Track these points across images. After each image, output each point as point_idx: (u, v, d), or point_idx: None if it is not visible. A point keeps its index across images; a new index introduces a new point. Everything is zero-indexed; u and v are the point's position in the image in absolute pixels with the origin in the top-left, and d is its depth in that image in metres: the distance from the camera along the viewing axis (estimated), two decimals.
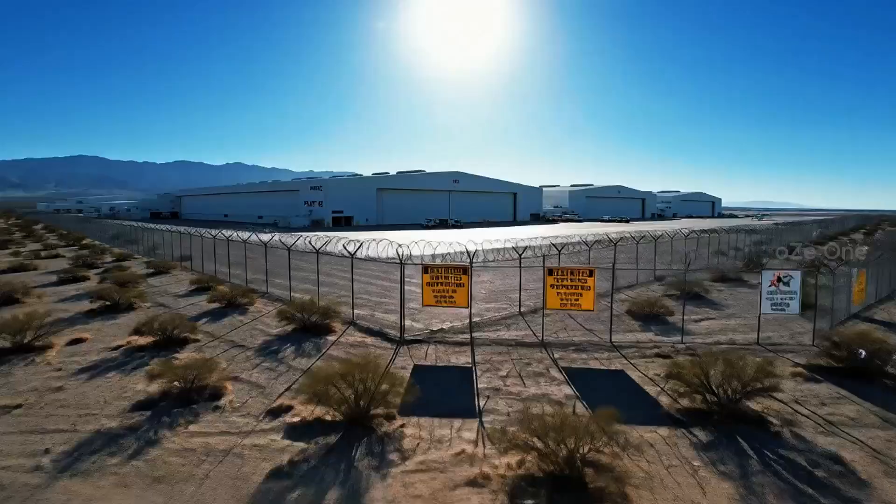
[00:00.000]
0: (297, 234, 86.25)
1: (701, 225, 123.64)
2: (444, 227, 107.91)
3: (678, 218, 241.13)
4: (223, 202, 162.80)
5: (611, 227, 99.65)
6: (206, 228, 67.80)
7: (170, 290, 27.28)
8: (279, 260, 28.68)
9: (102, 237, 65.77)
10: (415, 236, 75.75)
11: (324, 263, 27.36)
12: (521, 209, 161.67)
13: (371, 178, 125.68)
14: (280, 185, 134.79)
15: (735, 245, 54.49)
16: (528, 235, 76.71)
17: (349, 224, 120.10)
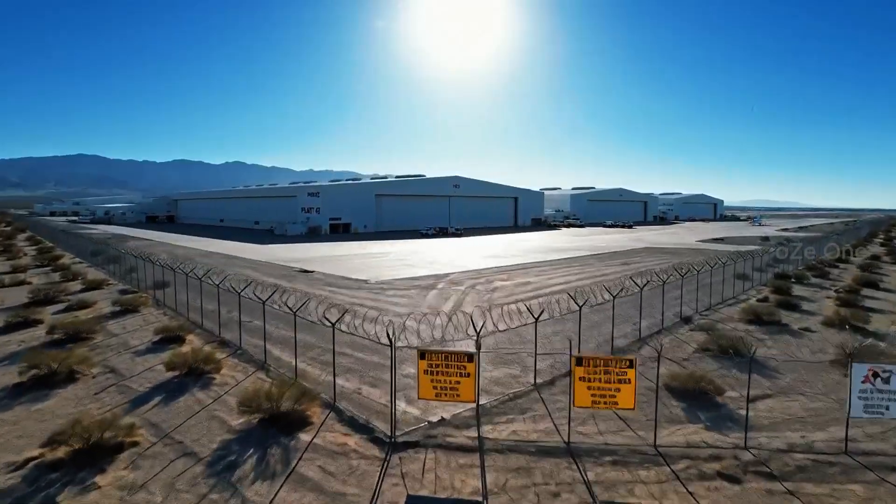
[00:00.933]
0: (292, 244, 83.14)
1: (705, 229, 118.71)
2: (444, 235, 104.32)
3: (680, 220, 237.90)
4: (220, 206, 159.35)
5: (614, 235, 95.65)
6: (199, 236, 62.75)
7: (130, 342, 23.74)
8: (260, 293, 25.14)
9: (84, 252, 62.13)
10: (414, 248, 73.18)
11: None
12: (522, 213, 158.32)
13: (369, 184, 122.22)
14: (277, 191, 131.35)
15: (758, 266, 50.93)
16: (531, 246, 72.90)
17: (347, 231, 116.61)
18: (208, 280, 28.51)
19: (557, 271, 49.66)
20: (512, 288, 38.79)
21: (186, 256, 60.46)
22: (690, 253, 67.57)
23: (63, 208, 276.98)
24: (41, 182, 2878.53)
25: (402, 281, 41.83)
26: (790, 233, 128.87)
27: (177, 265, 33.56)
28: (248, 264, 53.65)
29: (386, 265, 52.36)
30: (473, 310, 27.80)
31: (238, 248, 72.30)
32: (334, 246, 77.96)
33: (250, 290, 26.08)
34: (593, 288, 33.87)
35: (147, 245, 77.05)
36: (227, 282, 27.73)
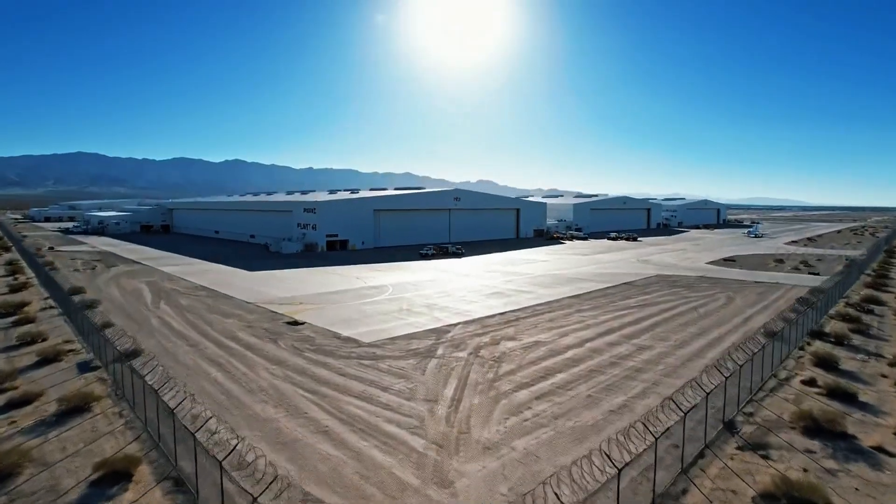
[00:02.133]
0: (286, 270, 78.55)
1: (711, 243, 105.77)
2: (444, 254, 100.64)
3: (683, 227, 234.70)
4: (215, 217, 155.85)
5: (620, 255, 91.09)
6: (191, 256, 56.50)
7: (61, 485, 20.00)
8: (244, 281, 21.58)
9: (58, 294, 58.37)
10: (412, 278, 67.20)
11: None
12: (524, 225, 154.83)
13: (367, 199, 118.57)
14: (273, 205, 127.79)
15: (780, 304, 47.12)
16: (536, 273, 68.14)
17: (344, 248, 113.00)
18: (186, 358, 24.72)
19: (569, 318, 46.03)
20: (521, 354, 35.13)
21: (172, 292, 56.82)
22: (705, 285, 63.91)
23: (58, 213, 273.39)
24: (40, 180, 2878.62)
25: (398, 342, 38.18)
26: (799, 247, 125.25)
27: (148, 359, 29.78)
28: (235, 310, 49.99)
29: (381, 311, 48.69)
30: (477, 419, 24.29)
31: (228, 279, 68.63)
32: (329, 273, 74.30)
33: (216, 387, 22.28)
34: (617, 380, 30.14)
35: (134, 273, 73.40)
36: (192, 404, 23.86)
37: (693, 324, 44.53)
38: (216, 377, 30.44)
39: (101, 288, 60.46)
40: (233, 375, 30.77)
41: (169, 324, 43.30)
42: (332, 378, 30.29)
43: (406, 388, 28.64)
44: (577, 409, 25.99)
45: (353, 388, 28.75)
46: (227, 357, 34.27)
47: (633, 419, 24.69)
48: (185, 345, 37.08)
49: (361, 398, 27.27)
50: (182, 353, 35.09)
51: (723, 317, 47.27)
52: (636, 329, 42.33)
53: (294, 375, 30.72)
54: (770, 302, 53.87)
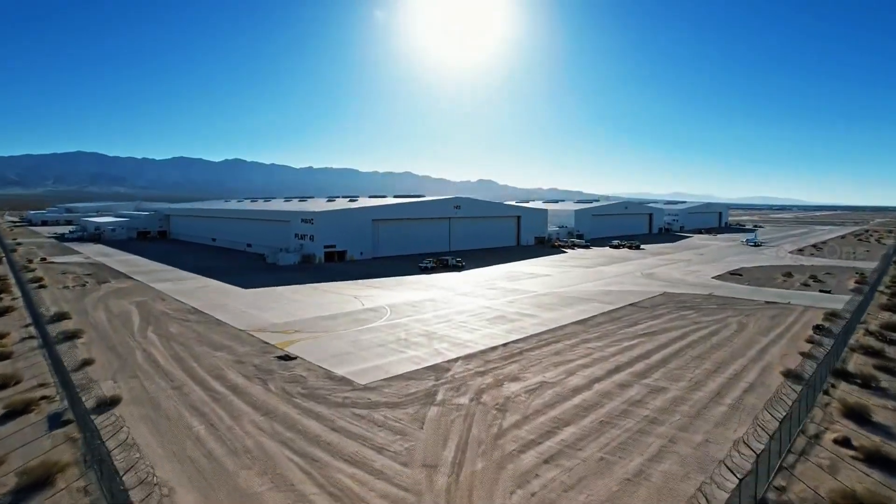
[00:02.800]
0: (281, 288, 75.55)
1: (716, 252, 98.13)
2: (444, 267, 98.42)
3: (686, 231, 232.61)
4: (212, 225, 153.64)
5: (623, 267, 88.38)
6: (187, 270, 53.77)
7: None
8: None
9: (40, 318, 56.32)
10: (410, 297, 62.09)
11: None
12: (525, 232, 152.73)
13: (366, 209, 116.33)
14: (270, 215, 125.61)
15: (796, 328, 44.83)
16: (538, 291, 65.62)
17: (342, 259, 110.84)
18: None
19: (575, 350, 43.83)
20: (526, 400, 32.90)
21: (162, 316, 54.54)
22: (713, 306, 61.66)
23: (55, 217, 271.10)
24: (40, 179, 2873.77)
25: (395, 383, 35.95)
26: (804, 256, 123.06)
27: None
28: (225, 339, 47.78)
29: (378, 342, 46.44)
30: (481, 492, 22.06)
31: (221, 300, 66.41)
32: (325, 291, 72.07)
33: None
34: (630, 436, 27.76)
35: (125, 292, 71.19)
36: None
37: (706, 357, 42.33)
38: (198, 432, 28.23)
39: (88, 311, 58.22)
40: (217, 430, 28.56)
41: (154, 359, 41.08)
42: (323, 434, 28.07)
43: (403, 450, 26.42)
44: (588, 478, 23.79)
45: (345, 448, 26.52)
46: (211, 405, 32.06)
47: (650, 493, 22.52)
48: (169, 387, 34.87)
49: (354, 463, 25.06)
50: (164, 398, 32.88)
51: (736, 348, 45.05)
52: (647, 365, 40.13)
53: (282, 431, 28.50)
54: (784, 328, 51.62)
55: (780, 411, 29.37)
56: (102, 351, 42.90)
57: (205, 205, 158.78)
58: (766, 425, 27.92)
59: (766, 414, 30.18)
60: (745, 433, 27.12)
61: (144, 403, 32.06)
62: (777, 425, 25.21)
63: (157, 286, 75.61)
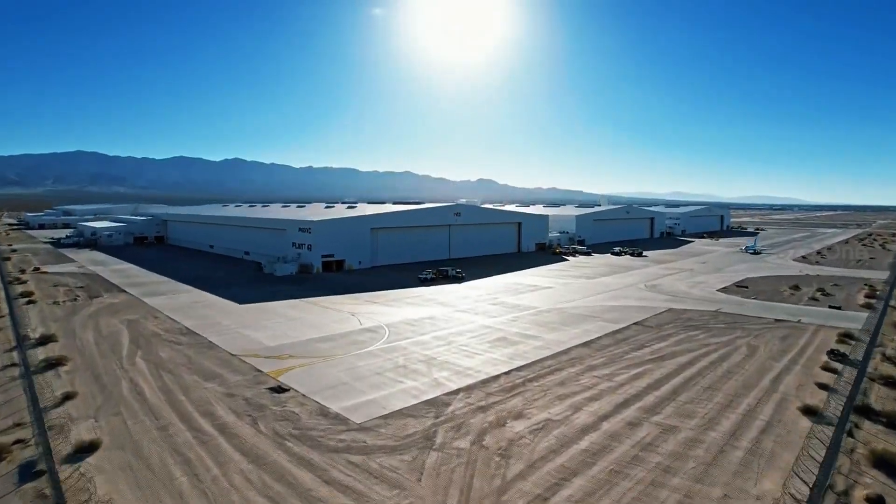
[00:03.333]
0: (276, 303, 73.51)
1: (719, 260, 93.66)
2: (444, 278, 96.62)
3: (687, 235, 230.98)
4: (210, 231, 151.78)
5: (625, 278, 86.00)
6: (184, 282, 52.34)
7: None
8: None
9: (25, 342, 54.51)
10: (408, 315, 61.70)
11: None
12: (526, 239, 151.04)
13: (364, 218, 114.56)
14: (268, 223, 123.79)
15: (811, 355, 42.84)
16: (540, 307, 63.63)
17: (340, 269, 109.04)
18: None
19: (581, 380, 42.01)
20: (531, 444, 31.08)
21: (153, 338, 52.63)
22: (721, 325, 59.85)
23: (52, 220, 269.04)
24: (40, 179, 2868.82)
25: (392, 421, 34.11)
26: (809, 264, 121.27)
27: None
28: (217, 367, 45.96)
29: (375, 369, 44.58)
30: None
31: (214, 318, 64.61)
32: (322, 307, 70.26)
33: None
34: (643, 489, 25.91)
35: (117, 308, 69.35)
36: None
37: (718, 388, 40.54)
38: (181, 486, 26.39)
39: (77, 332, 56.37)
40: (201, 482, 26.74)
41: (140, 390, 39.25)
42: (314, 488, 26.24)
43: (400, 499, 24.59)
44: None
45: None
46: (197, 449, 30.23)
47: None
48: (154, 427, 33.03)
49: None
50: (147, 442, 31.04)
51: (748, 375, 43.25)
52: (656, 397, 38.31)
53: (271, 483, 26.67)
54: (797, 352, 49.82)
55: (805, 465, 27.63)
56: (87, 381, 41.05)
57: (203, 210, 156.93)
58: (792, 484, 26.18)
59: (786, 457, 28.46)
60: (771, 496, 25.30)
61: (126, 448, 30.24)
62: (805, 486, 23.38)
63: (150, 301, 73.75)
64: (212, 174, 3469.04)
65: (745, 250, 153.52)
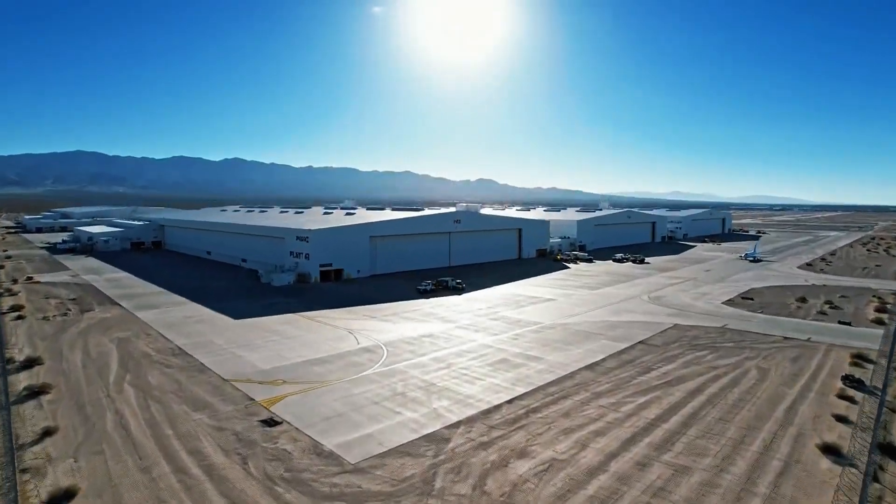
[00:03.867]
0: (270, 318, 71.13)
1: (722, 268, 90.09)
2: (444, 289, 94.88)
3: (689, 239, 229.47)
4: (207, 238, 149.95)
5: (628, 289, 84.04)
6: (179, 295, 50.31)
7: None
8: None
9: (11, 364, 52.74)
10: (407, 331, 58.94)
11: None
12: (526, 245, 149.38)
13: (363, 226, 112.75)
14: (265, 230, 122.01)
15: (826, 383, 41.04)
16: (542, 323, 61.74)
17: (339, 278, 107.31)
18: None
19: (587, 410, 40.28)
20: (536, 489, 29.32)
21: (143, 359, 50.79)
22: (729, 344, 58.11)
23: (50, 223, 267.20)
24: (40, 179, 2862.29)
25: (389, 461, 32.35)
26: (814, 272, 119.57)
27: None
28: (208, 395, 44.22)
29: (372, 398, 42.82)
30: None
31: (208, 335, 62.91)
32: (318, 322, 68.55)
33: None
34: None
35: (108, 324, 67.59)
36: None
37: (730, 419, 38.80)
38: None
39: (64, 353, 54.59)
40: None
41: (126, 424, 37.47)
42: None
43: None
44: None
45: None
46: (182, 496, 28.46)
47: None
48: (137, 469, 31.26)
49: None
50: (128, 487, 29.27)
51: (761, 406, 41.49)
52: (666, 431, 36.56)
53: None
54: (810, 377, 48.08)
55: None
56: (70, 413, 39.27)
57: (200, 216, 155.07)
58: None
59: None
60: None
61: (105, 494, 28.48)
62: None
63: (142, 316, 72.00)
64: (212, 174, 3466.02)
65: (744, 257, 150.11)
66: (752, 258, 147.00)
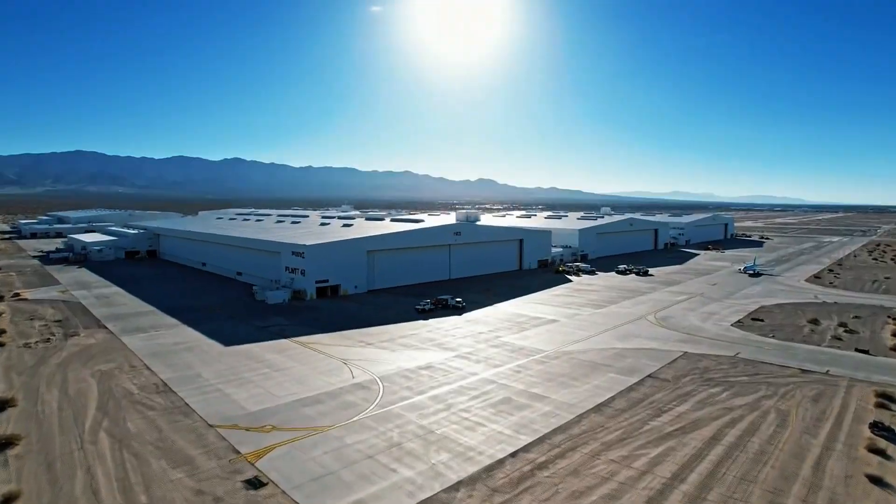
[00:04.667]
0: (262, 344, 67.85)
1: (727, 281, 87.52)
2: (444, 308, 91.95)
3: (692, 246, 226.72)
4: (203, 249, 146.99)
5: (633, 307, 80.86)
6: (171, 315, 47.46)
7: None
8: None
9: None
10: (403, 363, 50.48)
11: None
12: (528, 256, 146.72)
13: (361, 240, 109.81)
14: (261, 244, 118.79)
15: (851, 432, 37.94)
16: (547, 344, 58.66)
17: (336, 294, 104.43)
18: None
19: (596, 465, 37.30)
20: None
21: (123, 399, 47.76)
22: (744, 377, 55.13)
23: (45, 229, 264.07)
24: (39, 178, 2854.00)
25: None
26: (824, 287, 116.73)
27: None
28: (190, 446, 41.24)
29: (366, 451, 39.79)
30: None
31: (196, 367, 60.01)
32: (313, 351, 65.63)
33: None
34: None
35: (91, 354, 64.62)
36: None
37: (752, 479, 35.81)
38: None
39: (41, 392, 51.55)
40: None
41: (97, 488, 34.43)
42: None
43: None
44: None
45: None
46: None
47: None
48: None
49: None
50: None
51: (785, 461, 38.47)
52: (684, 496, 33.54)
53: None
54: (834, 423, 45.08)
55: None
56: (37, 471, 36.24)
57: (196, 225, 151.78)
58: None
59: None
60: None
61: None
62: None
63: (129, 342, 69.06)
64: (211, 173, 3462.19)
65: (743, 271, 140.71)
66: (752, 272, 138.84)
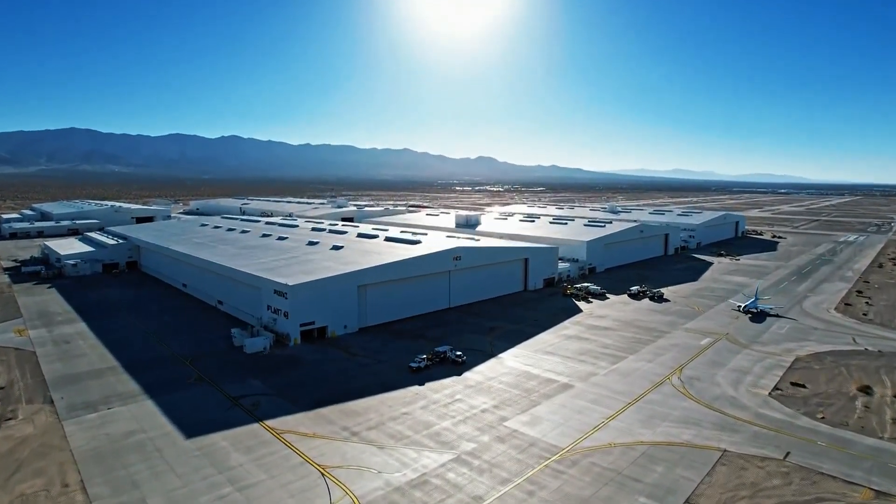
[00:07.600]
0: (232, 431, 55.42)
1: (744, 285, 72.36)
2: (441, 362, 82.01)
3: (703, 248, 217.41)
4: (184, 270, 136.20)
5: (653, 365, 70.54)
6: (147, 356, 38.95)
7: None
8: None
9: None
10: (391, 478, 47.49)
11: None
12: (533, 275, 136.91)
13: (350, 275, 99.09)
14: (241, 276, 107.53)
15: None
16: (561, 436, 47.64)
17: (322, 336, 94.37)
18: None
19: None
20: None
21: None
22: (802, 501, 45.33)
23: (26, 228, 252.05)
24: (33, 157, 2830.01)
25: None
26: (858, 322, 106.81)
27: None
28: None
29: None
30: None
31: (143, 484, 49.97)
32: (281, 460, 55.69)
33: None
34: None
35: (23, 452, 54.59)
36: None
37: None
38: None
39: None
40: None
41: None
42: None
43: None
44: None
45: None
46: None
47: None
48: None
49: None
50: None
51: None
52: None
53: None
54: None
55: None
56: None
57: (177, 245, 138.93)
58: None
59: None
60: None
61: None
62: None
63: (71, 433, 59.05)
64: (208, 151, 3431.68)
65: (742, 310, 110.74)
66: (754, 309, 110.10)
